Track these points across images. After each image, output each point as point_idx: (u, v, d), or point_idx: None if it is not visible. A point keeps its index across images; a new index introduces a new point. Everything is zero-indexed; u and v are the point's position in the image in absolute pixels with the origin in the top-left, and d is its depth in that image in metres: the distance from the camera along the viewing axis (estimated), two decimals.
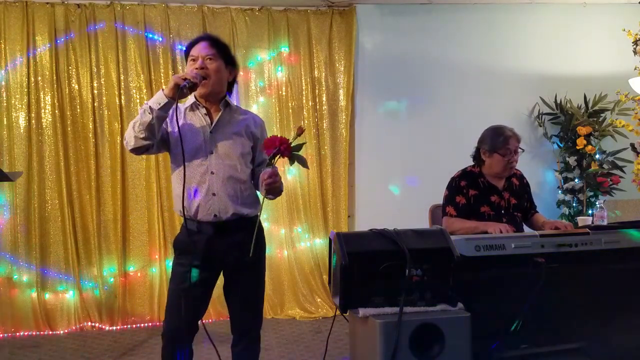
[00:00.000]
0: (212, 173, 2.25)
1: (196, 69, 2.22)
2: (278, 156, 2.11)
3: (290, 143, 2.11)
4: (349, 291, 1.87)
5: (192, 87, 2.17)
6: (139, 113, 2.16)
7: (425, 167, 4.63)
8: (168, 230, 4.37)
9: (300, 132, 2.17)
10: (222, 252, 2.28)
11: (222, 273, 2.40)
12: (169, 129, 2.29)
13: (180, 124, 2.21)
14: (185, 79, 2.13)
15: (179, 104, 2.18)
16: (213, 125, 2.29)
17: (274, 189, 2.20)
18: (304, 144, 2.18)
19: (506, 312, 2.04)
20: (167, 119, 2.24)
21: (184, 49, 2.46)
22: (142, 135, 2.13)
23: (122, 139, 4.26)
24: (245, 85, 4.56)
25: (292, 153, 2.12)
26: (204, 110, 2.31)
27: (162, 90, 2.17)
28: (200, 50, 2.27)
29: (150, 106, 2.12)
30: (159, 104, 2.12)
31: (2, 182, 3.82)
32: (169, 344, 2.35)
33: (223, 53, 2.32)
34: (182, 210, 2.22)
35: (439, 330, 1.80)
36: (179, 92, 2.13)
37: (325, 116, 4.63)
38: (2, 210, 4.24)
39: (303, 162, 2.16)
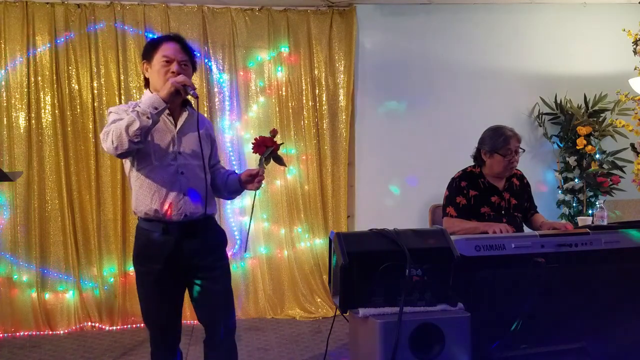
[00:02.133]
0: (181, 173, 2.25)
1: (173, 72, 2.21)
2: (270, 157, 2.24)
3: (277, 142, 2.26)
4: (349, 291, 1.87)
5: (197, 97, 2.20)
6: (131, 116, 2.07)
7: (425, 167, 4.63)
8: None
9: (274, 133, 2.28)
10: (190, 252, 2.26)
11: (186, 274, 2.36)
12: None
13: None
14: (186, 86, 2.14)
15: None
16: (178, 127, 2.29)
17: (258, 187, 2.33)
18: (282, 144, 2.37)
19: (506, 312, 2.04)
20: None
21: (148, 41, 2.41)
22: (137, 140, 2.07)
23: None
24: (245, 85, 4.56)
25: (276, 153, 2.28)
26: (167, 111, 2.28)
27: (156, 93, 2.15)
28: (175, 53, 2.24)
29: (150, 112, 2.08)
30: (156, 109, 2.10)
31: (2, 182, 3.82)
32: (157, 350, 2.38)
33: (192, 59, 2.33)
34: (147, 212, 2.22)
35: (439, 330, 1.80)
36: (188, 97, 2.18)
37: (325, 116, 4.63)
38: (2, 210, 4.23)
39: (282, 162, 2.37)
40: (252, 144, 2.31)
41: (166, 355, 2.38)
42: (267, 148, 2.26)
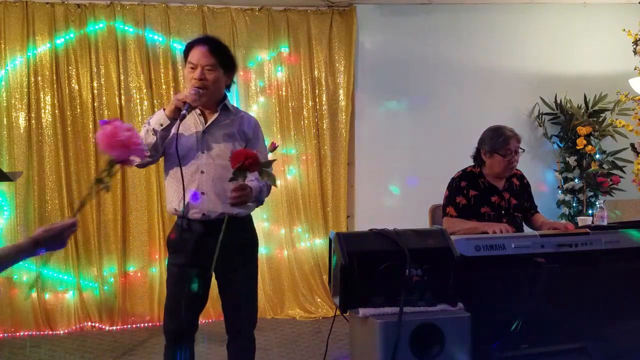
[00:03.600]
0: (201, 172, 2.27)
1: (195, 79, 2.23)
2: (244, 171, 2.04)
3: (258, 160, 2.04)
4: (349, 291, 1.87)
5: (191, 109, 2.22)
6: (142, 131, 2.22)
7: (425, 167, 4.62)
8: (168, 230, 4.33)
9: (273, 148, 2.23)
10: (211, 251, 2.24)
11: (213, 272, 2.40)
12: None
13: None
14: (185, 103, 2.17)
15: None
16: (206, 125, 2.31)
17: (242, 203, 2.17)
18: (274, 161, 2.20)
19: (506, 312, 2.04)
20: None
21: (183, 48, 2.46)
22: (147, 154, 2.21)
23: None
24: (245, 85, 4.56)
25: (261, 169, 2.06)
26: (198, 111, 2.33)
27: (163, 110, 2.23)
28: (199, 58, 2.25)
29: (154, 128, 2.19)
30: (161, 125, 2.20)
31: (2, 182, 3.82)
32: (171, 344, 2.39)
33: (222, 60, 2.31)
34: (175, 208, 2.30)
35: (439, 330, 1.80)
36: (180, 115, 2.17)
37: (325, 116, 4.63)
38: (2, 210, 4.24)
39: (272, 180, 2.13)
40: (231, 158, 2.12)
41: (176, 350, 2.39)
42: (240, 168, 2.04)
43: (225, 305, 2.43)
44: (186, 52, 2.32)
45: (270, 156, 2.19)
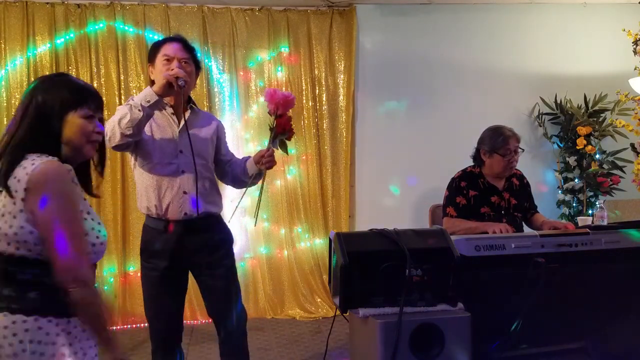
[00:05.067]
0: (182, 172, 2.27)
1: (172, 69, 2.21)
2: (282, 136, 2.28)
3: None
4: (349, 291, 1.87)
5: (184, 87, 2.18)
6: (124, 109, 2.14)
7: (425, 167, 4.62)
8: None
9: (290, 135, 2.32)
10: (192, 250, 2.29)
11: (190, 273, 2.40)
12: None
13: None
14: (177, 78, 2.15)
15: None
16: (182, 125, 2.30)
17: (272, 166, 2.34)
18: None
19: (506, 312, 2.04)
20: None
21: (152, 44, 2.43)
22: (129, 132, 2.12)
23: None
24: (245, 85, 4.56)
25: (284, 139, 2.30)
26: (170, 110, 2.32)
27: (150, 87, 2.17)
28: (175, 51, 2.26)
29: (141, 104, 2.11)
30: (148, 102, 2.12)
31: None
32: (158, 349, 2.38)
33: (195, 57, 2.34)
34: (149, 207, 2.27)
35: (439, 330, 1.80)
36: (179, 90, 2.16)
37: (325, 116, 4.63)
38: None
39: (286, 149, 2.39)
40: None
41: (166, 353, 2.38)
42: (284, 131, 2.28)
43: (214, 305, 2.39)
44: (157, 48, 2.30)
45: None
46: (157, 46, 2.32)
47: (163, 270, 2.27)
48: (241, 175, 2.46)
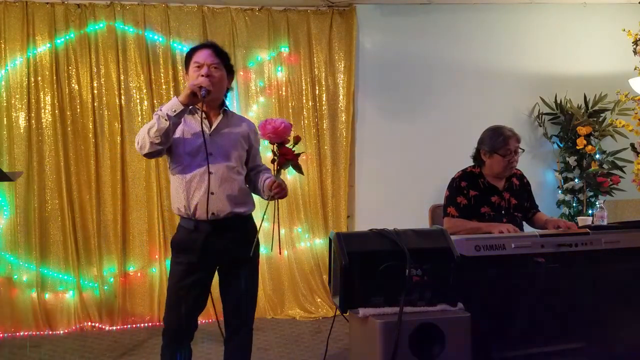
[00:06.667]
0: (210, 173, 2.34)
1: (202, 76, 2.32)
2: (286, 166, 2.32)
3: (294, 152, 2.32)
4: (349, 291, 1.87)
5: (208, 95, 2.29)
6: (154, 119, 2.26)
7: (425, 167, 4.62)
8: (168, 230, 4.36)
9: (297, 140, 2.33)
10: (219, 249, 2.38)
11: (216, 271, 2.49)
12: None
13: (180, 126, 2.34)
14: (201, 87, 2.25)
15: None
16: (212, 128, 2.40)
17: (282, 197, 2.38)
18: (302, 153, 2.40)
19: (506, 312, 2.04)
20: None
21: (186, 51, 2.53)
22: (157, 141, 2.25)
23: (122, 139, 4.31)
24: (245, 85, 4.56)
25: (295, 163, 2.34)
26: (202, 115, 2.40)
27: (176, 97, 2.28)
28: (205, 57, 2.37)
29: (167, 113, 2.23)
30: (174, 111, 2.24)
31: (2, 182, 3.82)
32: (170, 343, 2.43)
33: (225, 62, 2.45)
34: (179, 208, 2.37)
35: (439, 330, 1.80)
36: (201, 99, 2.26)
37: (325, 116, 4.63)
38: (2, 210, 4.23)
39: (300, 170, 2.41)
40: (274, 144, 2.33)
41: (175, 349, 2.42)
42: (286, 161, 2.32)
43: (230, 301, 2.48)
44: (190, 56, 2.42)
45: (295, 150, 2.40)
46: (189, 55, 2.43)
47: (188, 265, 2.35)
48: (259, 192, 2.54)
